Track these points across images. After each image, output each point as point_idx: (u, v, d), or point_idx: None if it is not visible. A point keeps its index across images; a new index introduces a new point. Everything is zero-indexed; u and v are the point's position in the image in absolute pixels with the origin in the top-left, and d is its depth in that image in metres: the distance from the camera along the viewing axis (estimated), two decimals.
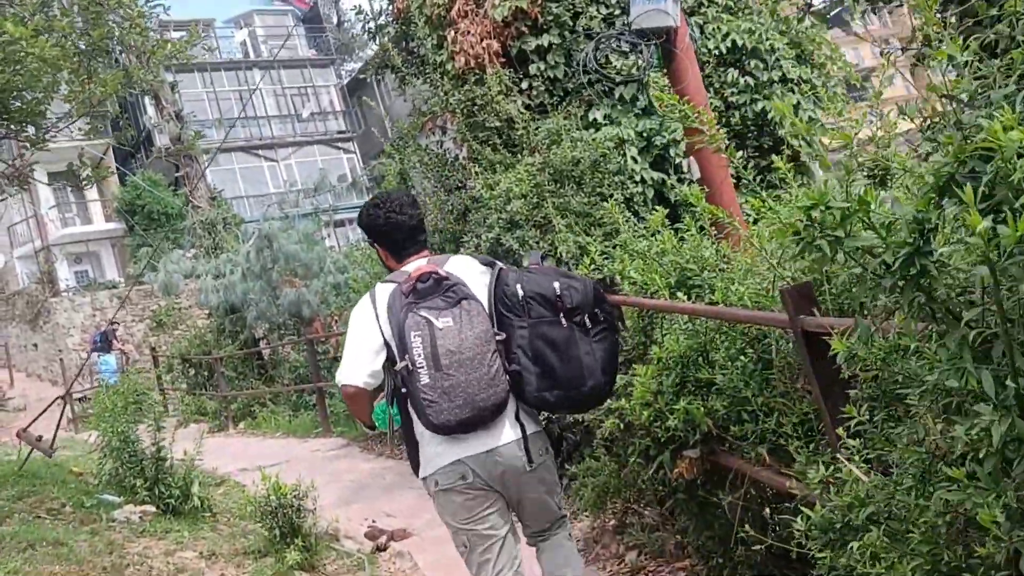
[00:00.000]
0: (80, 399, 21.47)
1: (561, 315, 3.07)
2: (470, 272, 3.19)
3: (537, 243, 5.89)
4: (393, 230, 3.26)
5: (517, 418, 3.11)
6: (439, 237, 7.28)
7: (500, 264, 3.27)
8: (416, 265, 3.17)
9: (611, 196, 6.30)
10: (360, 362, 3.10)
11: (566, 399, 3.13)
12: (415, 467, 3.26)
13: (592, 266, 4.79)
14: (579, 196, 6.12)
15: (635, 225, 5.93)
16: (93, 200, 34.35)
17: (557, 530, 3.39)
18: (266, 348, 15.03)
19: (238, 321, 14.68)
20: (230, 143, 34.93)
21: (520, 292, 3.09)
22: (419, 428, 3.10)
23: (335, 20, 44.64)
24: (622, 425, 4.17)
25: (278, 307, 14.40)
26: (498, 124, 6.78)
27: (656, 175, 6.77)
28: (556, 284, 3.12)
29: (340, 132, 37.10)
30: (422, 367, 2.93)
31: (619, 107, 7.07)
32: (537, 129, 6.60)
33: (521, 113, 6.76)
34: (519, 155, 6.58)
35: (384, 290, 3.13)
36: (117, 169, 33.49)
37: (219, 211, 18.92)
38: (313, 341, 11.67)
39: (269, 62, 37.27)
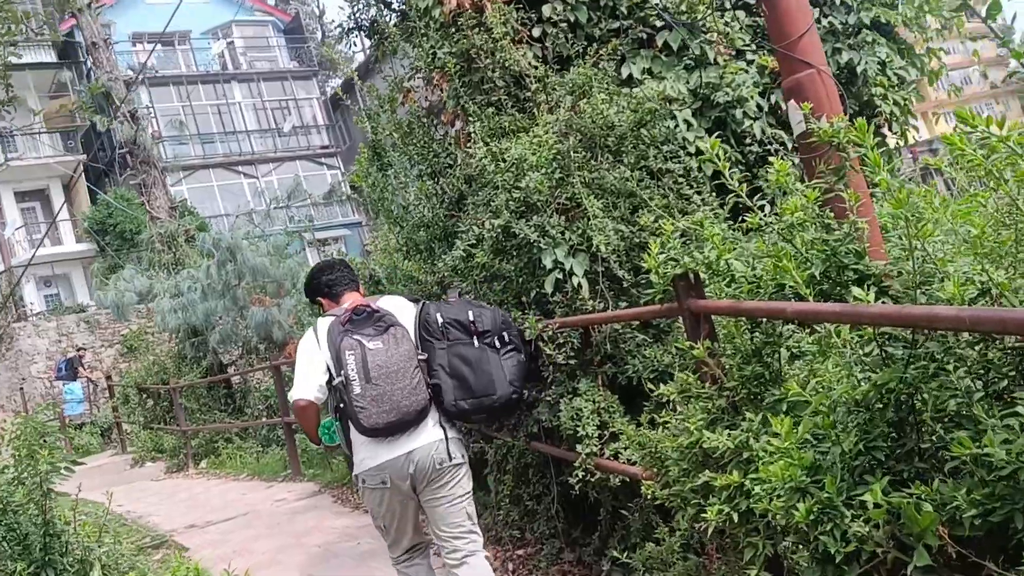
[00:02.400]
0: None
1: (474, 337, 3.73)
2: (399, 306, 3.82)
3: (563, 233, 4.19)
4: (326, 283, 3.95)
5: (439, 423, 3.66)
6: (425, 233, 5.57)
7: (424, 300, 3.89)
8: (352, 301, 3.83)
9: (665, 171, 4.61)
10: (309, 380, 3.63)
11: (479, 406, 3.68)
12: (351, 469, 3.79)
13: (665, 257, 3.10)
14: (617, 170, 4.42)
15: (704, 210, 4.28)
16: (63, 220, 32.55)
17: (474, 549, 3.75)
18: (234, 375, 13.25)
19: (200, 345, 12.90)
20: (208, 159, 33.26)
21: (440, 319, 3.73)
22: (354, 434, 3.62)
23: (319, 36, 43.14)
24: (735, 516, 2.48)
25: (245, 329, 12.65)
26: (503, 82, 5.09)
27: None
28: (470, 312, 3.78)
29: (324, 147, 35.41)
30: (355, 380, 3.50)
31: (662, 58, 5.39)
32: (556, 84, 4.91)
33: (533, 66, 5.07)
34: (533, 120, 4.89)
35: (324, 322, 3.73)
36: (88, 188, 31.74)
37: (181, 222, 17.10)
38: (280, 368, 9.90)
39: (248, 74, 35.63)
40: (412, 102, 6.13)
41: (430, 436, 3.59)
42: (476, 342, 3.71)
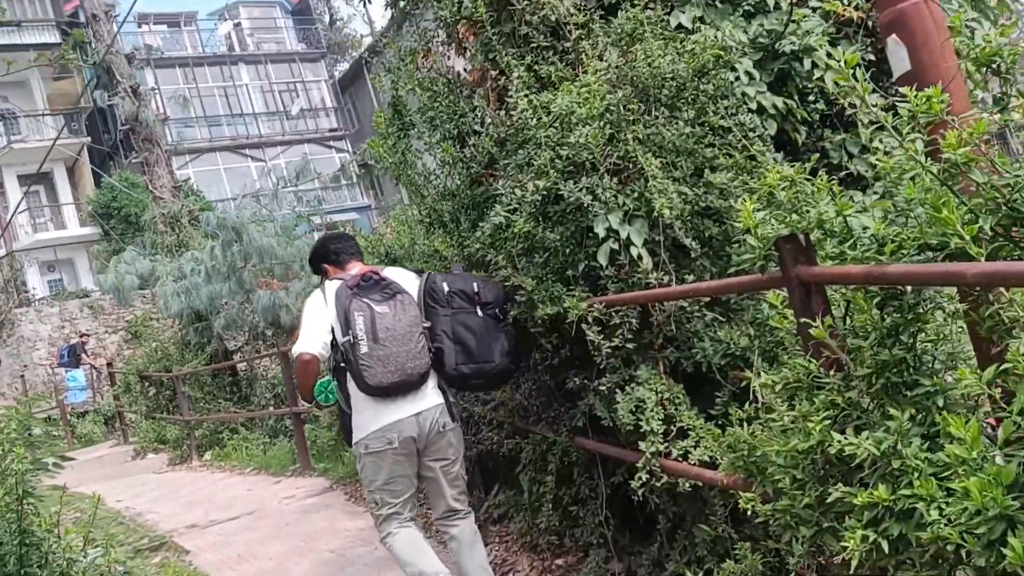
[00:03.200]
0: (47, 419, 19.45)
1: (477, 307, 3.91)
2: (404, 276, 4.04)
3: (615, 196, 3.60)
4: (333, 251, 4.13)
5: (438, 387, 3.84)
6: (451, 203, 4.97)
7: (428, 272, 4.08)
8: (359, 268, 4.02)
9: (727, 128, 4.00)
10: (315, 335, 3.76)
11: (479, 372, 3.84)
12: (348, 438, 3.91)
13: (767, 214, 2.51)
14: (675, 126, 3.82)
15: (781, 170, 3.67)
16: (67, 204, 32.01)
17: (465, 516, 3.98)
18: (240, 362, 12.69)
19: (204, 331, 12.32)
20: (215, 142, 32.69)
21: (446, 288, 3.92)
22: (355, 396, 3.75)
23: (328, 20, 42.45)
24: (884, 545, 1.91)
25: (252, 313, 12.09)
26: (541, 30, 4.48)
27: (779, 101, 4.48)
28: (475, 283, 3.98)
29: (332, 130, 34.80)
30: (362, 340, 3.63)
31: (716, 5, 4.77)
32: (601, 32, 4.30)
33: (572, 13, 4.46)
34: (575, 72, 4.29)
35: (333, 285, 3.89)
36: (93, 171, 31.18)
37: (184, 202, 16.48)
38: (288, 355, 9.32)
39: (256, 56, 34.99)
40: (435, 61, 5.52)
41: (432, 400, 3.78)
42: (479, 312, 3.88)
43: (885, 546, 1.91)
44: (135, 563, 6.00)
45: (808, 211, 2.43)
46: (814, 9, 4.92)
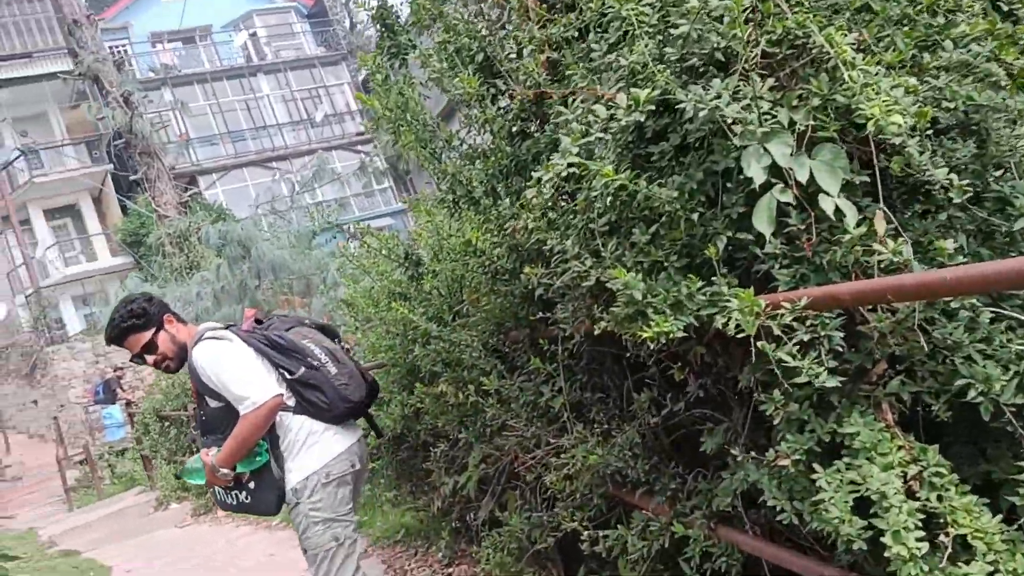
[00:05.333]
0: (81, 462, 18.46)
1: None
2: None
3: (776, 109, 1.95)
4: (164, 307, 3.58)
5: None
6: (482, 167, 3.30)
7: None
8: (245, 314, 3.74)
9: None
10: (266, 377, 3.31)
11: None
12: (275, 503, 3.48)
13: None
14: None
15: None
16: (96, 234, 30.91)
17: None
18: None
19: None
20: (240, 157, 31.43)
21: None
22: (304, 431, 3.37)
23: (348, 24, 41.05)
24: None
25: None
26: None
27: None
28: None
29: (359, 134, 33.29)
30: (327, 362, 3.40)
31: None
32: None
33: None
34: None
35: (228, 334, 3.44)
36: (119, 199, 30.04)
37: (192, 219, 15.00)
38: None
39: (275, 64, 33.69)
40: None
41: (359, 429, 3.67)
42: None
43: None
44: None
45: None
46: None
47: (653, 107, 2.00)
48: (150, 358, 3.51)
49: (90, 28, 15.34)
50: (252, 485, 3.46)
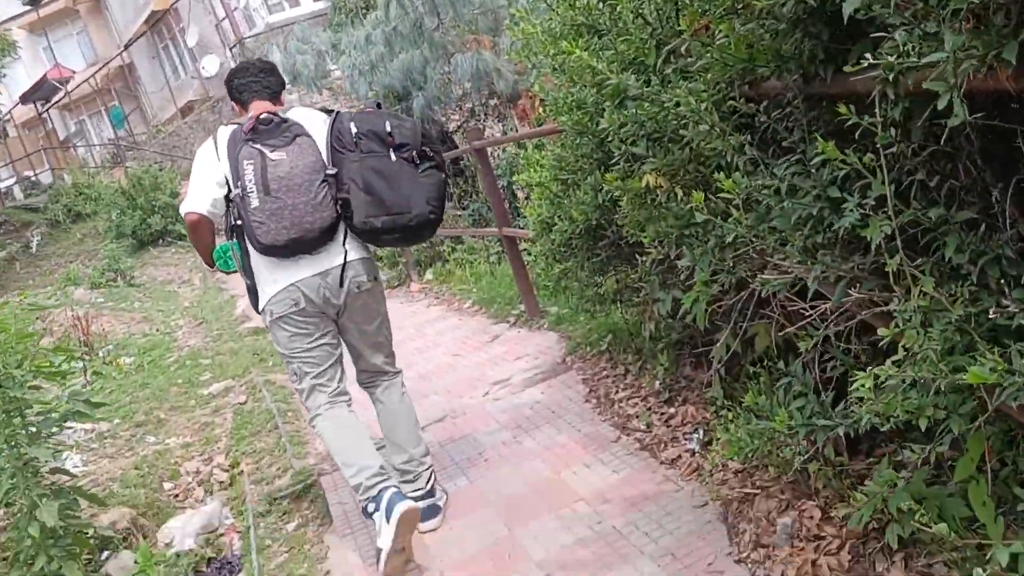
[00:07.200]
0: None
1: (391, 150, 3.25)
2: (311, 118, 3.38)
3: None
4: (236, 87, 3.43)
5: (343, 245, 3.27)
6: None
7: (339, 111, 3.38)
8: (260, 109, 3.37)
9: None
10: (203, 192, 3.28)
11: (393, 225, 3.21)
12: (256, 305, 3.39)
13: None
14: None
15: None
16: None
17: (393, 377, 3.57)
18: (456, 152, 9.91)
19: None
20: None
21: (353, 129, 3.26)
22: (254, 258, 3.26)
23: None
24: None
25: (457, 84, 9.17)
26: None
27: None
28: (387, 123, 3.29)
29: None
30: (252, 192, 3.14)
31: None
32: None
33: None
34: None
35: (226, 131, 3.33)
36: None
37: None
38: (485, 151, 6.31)
39: None
40: None
41: (340, 257, 3.29)
42: (393, 155, 3.25)
43: None
44: None
45: None
46: None
47: None
48: None
49: None
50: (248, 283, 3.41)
